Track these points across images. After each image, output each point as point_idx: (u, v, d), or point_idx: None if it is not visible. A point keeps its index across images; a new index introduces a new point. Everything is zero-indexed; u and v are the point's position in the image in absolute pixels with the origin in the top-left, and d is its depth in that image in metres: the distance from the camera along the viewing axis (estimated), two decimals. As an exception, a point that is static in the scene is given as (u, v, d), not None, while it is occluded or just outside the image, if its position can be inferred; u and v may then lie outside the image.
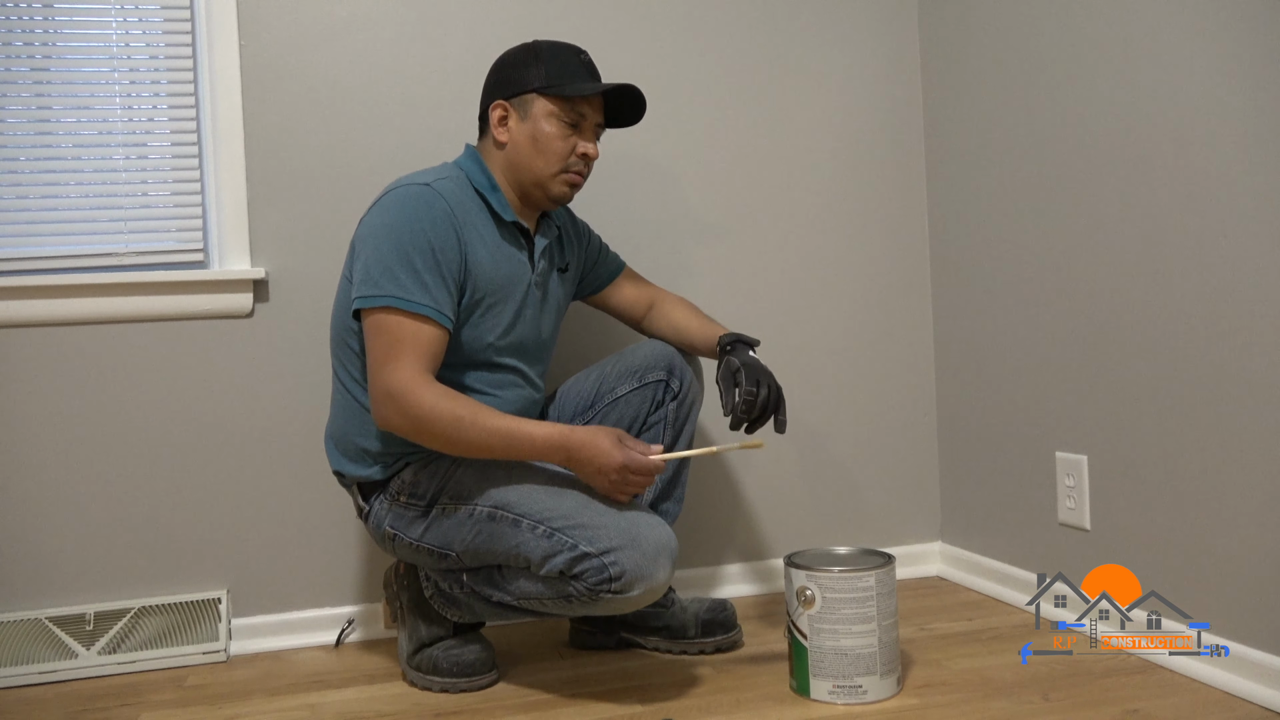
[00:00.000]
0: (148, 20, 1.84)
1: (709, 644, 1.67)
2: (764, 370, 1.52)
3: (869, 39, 2.15)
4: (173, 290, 1.82)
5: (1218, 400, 1.44)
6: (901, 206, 2.17)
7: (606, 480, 1.43)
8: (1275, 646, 1.35)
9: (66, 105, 1.82)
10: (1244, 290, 1.39)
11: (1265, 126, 1.35)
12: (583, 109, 1.56)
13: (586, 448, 1.42)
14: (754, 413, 1.48)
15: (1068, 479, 1.75)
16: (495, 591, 1.51)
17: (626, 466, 1.41)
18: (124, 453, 1.81)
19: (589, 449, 1.42)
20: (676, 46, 2.05)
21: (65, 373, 1.79)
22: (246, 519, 1.85)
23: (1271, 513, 1.36)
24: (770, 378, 1.52)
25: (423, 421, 1.42)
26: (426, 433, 1.43)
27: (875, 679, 1.42)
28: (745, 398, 1.47)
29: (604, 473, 1.42)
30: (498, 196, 1.57)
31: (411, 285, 1.45)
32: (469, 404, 1.44)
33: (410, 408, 1.42)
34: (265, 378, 1.86)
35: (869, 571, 1.42)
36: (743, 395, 1.47)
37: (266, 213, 1.87)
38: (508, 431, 1.42)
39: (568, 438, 1.43)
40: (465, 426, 1.41)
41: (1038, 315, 1.82)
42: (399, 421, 1.44)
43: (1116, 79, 1.60)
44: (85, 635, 1.74)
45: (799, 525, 2.10)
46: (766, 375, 1.51)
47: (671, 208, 2.05)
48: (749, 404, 1.47)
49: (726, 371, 1.54)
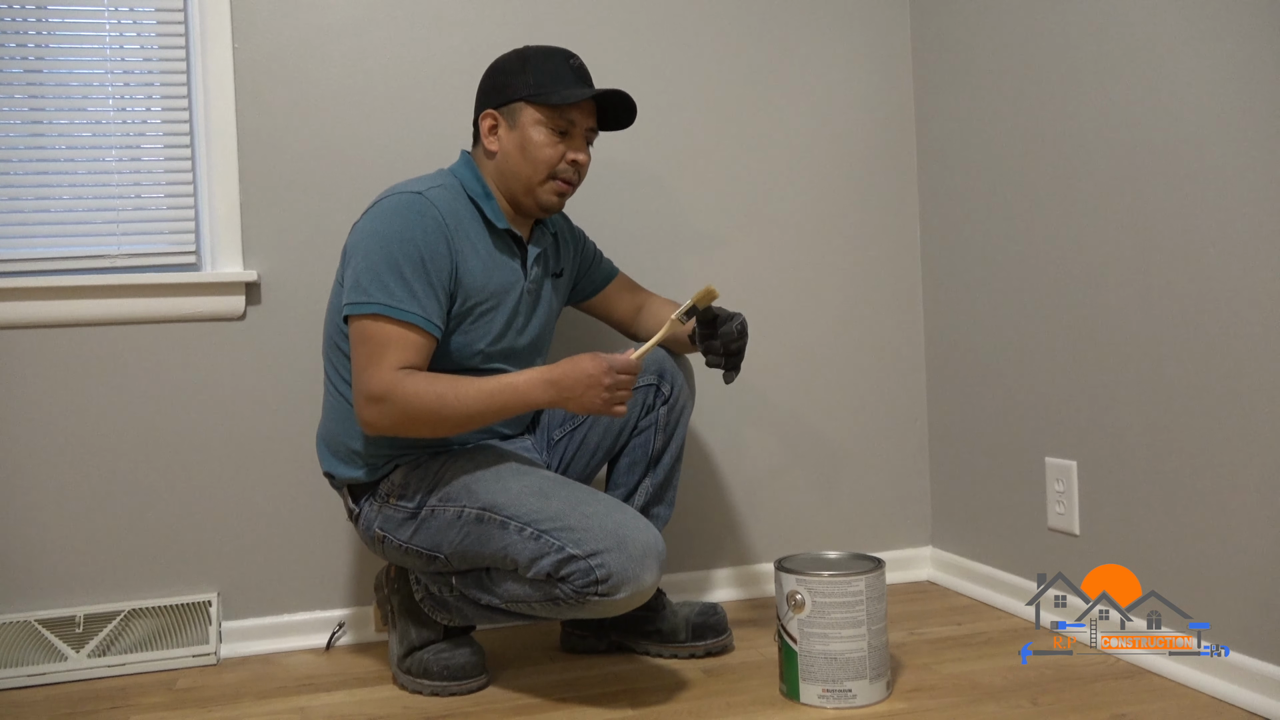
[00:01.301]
0: (141, 22, 1.84)
1: (699, 648, 1.68)
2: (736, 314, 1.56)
3: (861, 43, 2.16)
4: (165, 292, 1.81)
5: (1206, 407, 1.45)
6: (893, 212, 2.18)
7: (601, 393, 1.41)
8: (1265, 652, 1.36)
9: (60, 107, 1.82)
10: (1233, 295, 1.40)
11: (1256, 132, 1.36)
12: (571, 115, 1.56)
13: (571, 373, 1.42)
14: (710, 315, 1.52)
15: (1057, 484, 1.75)
16: (484, 594, 1.52)
17: (613, 368, 1.41)
18: (115, 455, 1.80)
19: (574, 373, 1.42)
20: (668, 50, 2.06)
21: (56, 374, 1.78)
22: (237, 522, 1.85)
23: (1261, 517, 1.37)
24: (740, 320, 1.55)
25: (409, 412, 1.42)
26: (415, 421, 1.44)
27: (865, 683, 1.42)
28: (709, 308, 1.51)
29: (596, 387, 1.41)
30: (491, 204, 1.58)
31: (400, 293, 1.45)
32: (447, 380, 1.44)
33: (395, 404, 1.42)
34: (257, 381, 1.86)
35: (859, 576, 1.42)
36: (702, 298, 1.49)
37: (259, 215, 1.87)
38: (492, 390, 1.43)
39: (550, 372, 1.43)
40: (450, 401, 1.42)
41: (1028, 321, 1.82)
42: (386, 421, 1.44)
43: (1108, 84, 1.61)
44: (75, 638, 1.74)
45: (790, 530, 2.10)
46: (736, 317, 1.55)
47: (661, 213, 2.06)
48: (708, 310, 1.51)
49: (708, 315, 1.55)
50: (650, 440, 1.64)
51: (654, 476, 1.66)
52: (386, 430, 1.46)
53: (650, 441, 1.64)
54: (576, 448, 1.67)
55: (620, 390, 1.43)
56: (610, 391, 1.42)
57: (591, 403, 1.42)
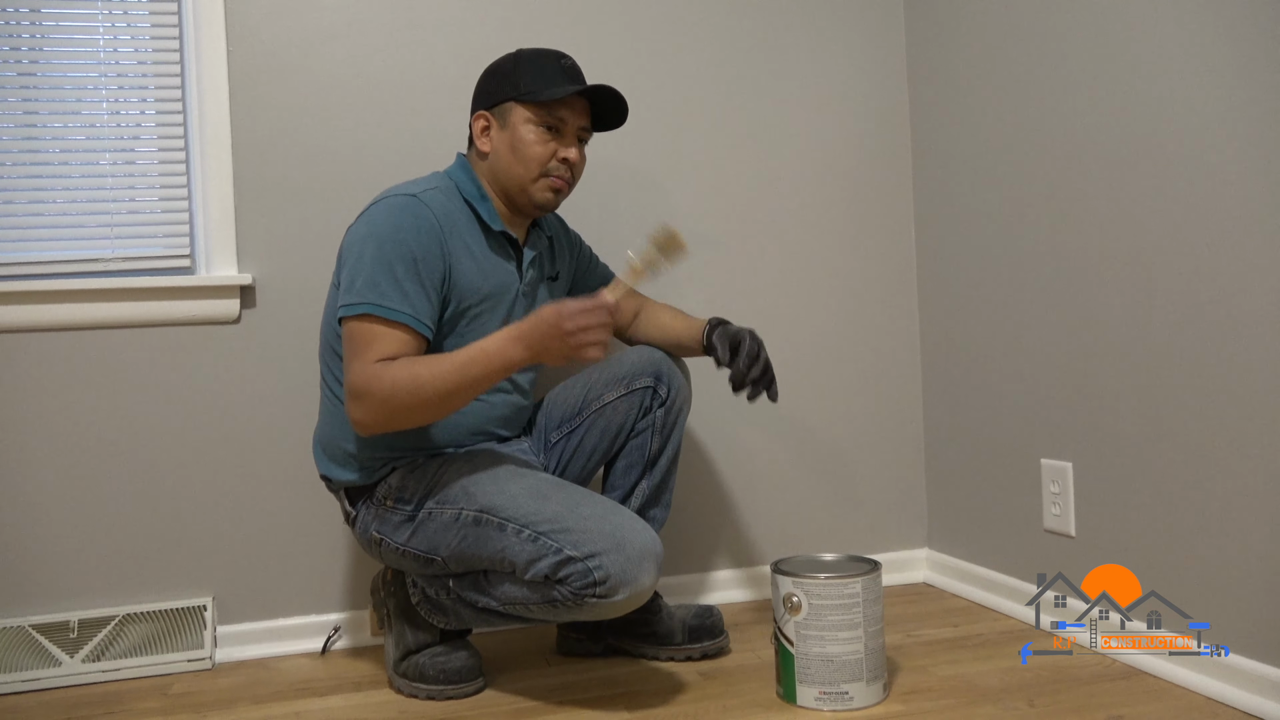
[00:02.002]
0: (135, 25, 1.84)
1: (696, 650, 1.67)
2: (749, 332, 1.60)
3: (855, 42, 2.17)
4: (159, 296, 1.81)
5: (1202, 408, 1.45)
6: (888, 213, 2.18)
7: (570, 338, 1.37)
8: (1262, 653, 1.36)
9: (53, 110, 1.81)
10: (1229, 294, 1.40)
11: (1251, 133, 1.36)
12: (561, 113, 1.56)
13: (535, 324, 1.39)
14: (756, 371, 1.55)
15: (1053, 486, 1.76)
16: (481, 597, 1.51)
17: (578, 311, 1.36)
18: (109, 459, 1.80)
19: (537, 324, 1.38)
20: (663, 51, 2.06)
21: (50, 378, 1.78)
22: (233, 526, 1.85)
23: (1257, 518, 1.37)
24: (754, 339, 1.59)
25: (389, 400, 1.41)
26: (397, 408, 1.42)
27: (861, 685, 1.42)
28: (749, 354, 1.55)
29: (563, 334, 1.37)
30: (486, 206, 1.58)
31: (391, 293, 1.45)
32: (422, 360, 1.43)
33: (375, 393, 1.41)
34: (252, 384, 1.86)
35: (855, 578, 1.42)
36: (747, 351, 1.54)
37: (254, 218, 1.86)
38: (464, 360, 1.41)
39: (516, 328, 1.41)
40: (425, 379, 1.40)
41: (1023, 322, 1.83)
42: (371, 416, 1.43)
43: (1102, 84, 1.62)
44: (69, 643, 1.73)
45: (786, 532, 2.11)
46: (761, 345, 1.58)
47: (656, 213, 2.05)
48: (752, 359, 1.55)
49: (724, 334, 1.59)
50: (647, 442, 1.64)
51: (651, 478, 1.66)
52: (375, 426, 1.45)
53: (647, 443, 1.64)
54: (574, 450, 1.67)
55: (585, 333, 1.37)
56: (574, 335, 1.37)
57: (561, 350, 1.38)
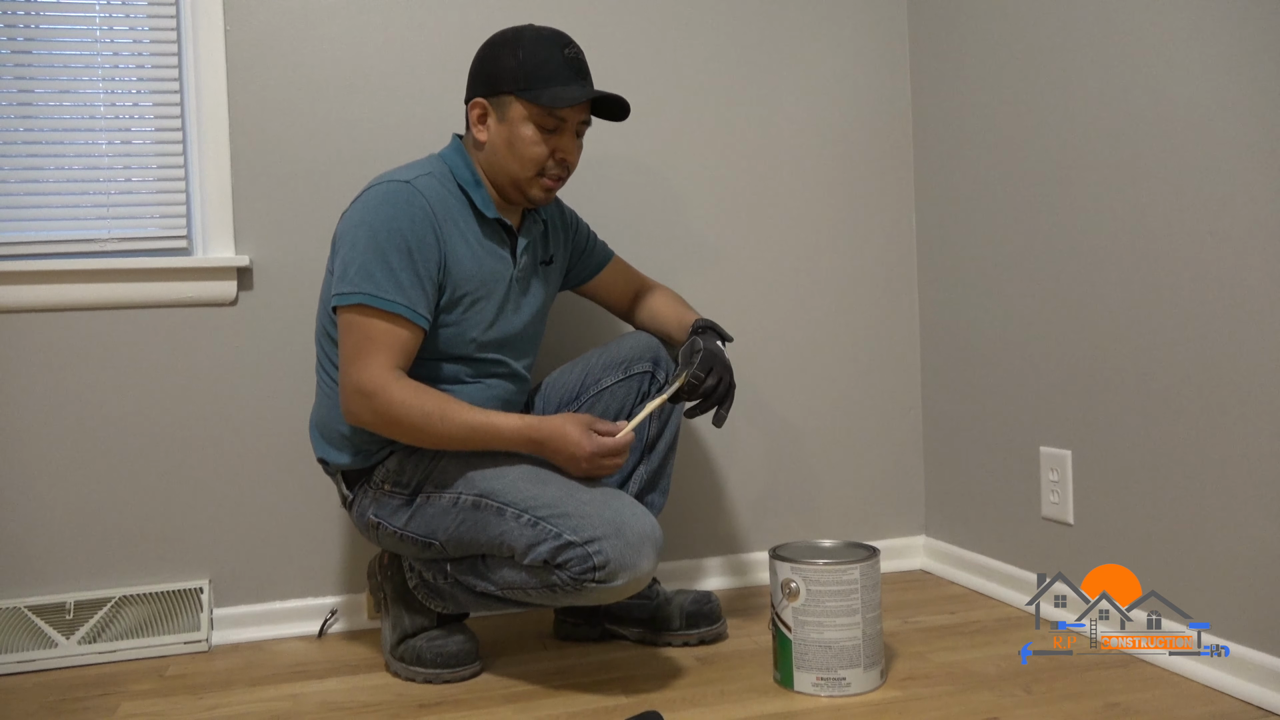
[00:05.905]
0: (132, 3, 1.82)
1: (693, 636, 1.68)
2: (723, 362, 1.55)
3: (858, 37, 2.15)
4: (155, 277, 1.80)
5: (1202, 396, 1.45)
6: (889, 203, 2.17)
7: (579, 468, 1.45)
8: (1261, 642, 1.36)
9: (49, 89, 1.80)
10: (1230, 285, 1.40)
11: (1252, 125, 1.35)
12: (561, 113, 1.53)
13: (555, 439, 1.44)
14: (695, 396, 1.52)
15: (1051, 474, 1.75)
16: (479, 581, 1.51)
17: (596, 453, 1.44)
18: (105, 441, 1.79)
19: (558, 439, 1.44)
20: (664, 43, 2.05)
21: (46, 360, 1.77)
22: (229, 508, 1.84)
23: (1257, 508, 1.37)
24: (727, 371, 1.54)
25: (392, 418, 1.43)
26: (396, 428, 1.45)
27: (859, 671, 1.42)
28: (691, 380, 1.50)
29: (575, 461, 1.45)
30: (480, 193, 1.56)
31: (386, 283, 1.44)
32: (437, 399, 1.44)
33: (380, 405, 1.43)
34: (249, 366, 1.85)
35: (853, 565, 1.42)
36: (689, 377, 1.50)
37: (251, 199, 1.85)
38: (476, 425, 1.44)
39: (537, 429, 1.44)
40: (434, 421, 1.43)
41: (1023, 310, 1.82)
42: (369, 418, 1.45)
43: (1105, 78, 1.61)
44: (65, 624, 1.73)
45: (784, 518, 2.10)
46: (723, 367, 1.54)
47: (656, 207, 2.05)
48: (693, 387, 1.51)
49: (688, 350, 1.56)
50: (644, 427, 1.64)
51: (648, 464, 1.66)
52: (366, 425, 1.46)
53: (644, 429, 1.64)
54: (571, 435, 1.67)
55: (603, 464, 1.45)
56: (592, 462, 1.45)
57: (574, 469, 1.47)
